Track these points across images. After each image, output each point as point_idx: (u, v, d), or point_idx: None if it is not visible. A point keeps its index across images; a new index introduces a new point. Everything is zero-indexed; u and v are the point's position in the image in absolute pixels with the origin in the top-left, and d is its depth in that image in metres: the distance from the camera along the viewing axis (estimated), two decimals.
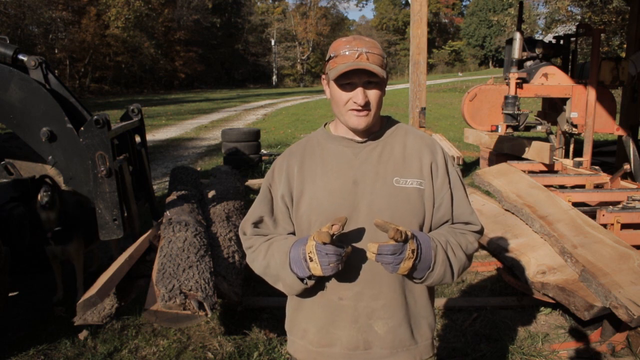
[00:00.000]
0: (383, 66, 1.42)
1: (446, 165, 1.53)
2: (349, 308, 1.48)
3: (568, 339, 3.28)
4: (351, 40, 1.43)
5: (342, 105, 1.44)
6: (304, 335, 1.55)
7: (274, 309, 3.60)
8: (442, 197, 1.50)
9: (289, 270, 1.42)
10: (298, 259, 1.40)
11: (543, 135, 8.88)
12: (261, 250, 1.50)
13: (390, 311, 1.48)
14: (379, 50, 1.43)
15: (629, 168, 5.77)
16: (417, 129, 1.64)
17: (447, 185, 1.51)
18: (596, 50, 6.83)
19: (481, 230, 1.55)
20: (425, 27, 5.49)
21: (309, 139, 1.60)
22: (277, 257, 1.46)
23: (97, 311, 2.82)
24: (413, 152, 1.51)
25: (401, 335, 1.50)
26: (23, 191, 3.90)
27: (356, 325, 1.48)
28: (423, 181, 1.48)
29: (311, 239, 1.36)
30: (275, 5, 59.60)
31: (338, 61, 1.40)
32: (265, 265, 1.49)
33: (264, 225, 1.55)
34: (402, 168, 1.48)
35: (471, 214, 1.54)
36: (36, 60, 3.30)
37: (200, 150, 11.42)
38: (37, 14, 27.54)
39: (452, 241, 1.46)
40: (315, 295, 1.50)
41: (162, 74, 40.35)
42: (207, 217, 4.01)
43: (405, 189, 1.47)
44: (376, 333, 1.48)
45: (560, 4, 18.69)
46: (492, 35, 59.66)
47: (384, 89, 1.49)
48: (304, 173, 1.52)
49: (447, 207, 1.51)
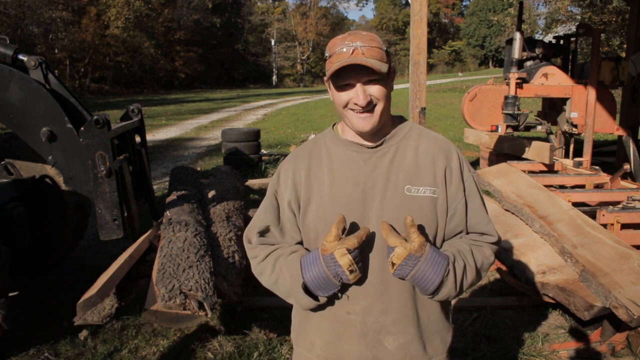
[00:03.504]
0: (383, 60, 1.31)
1: (461, 171, 1.42)
2: (357, 323, 1.40)
3: (568, 339, 3.28)
4: (346, 37, 1.33)
5: (342, 107, 1.35)
6: (311, 349, 1.49)
7: (274, 309, 3.60)
8: (455, 205, 1.40)
9: (302, 293, 1.34)
10: (326, 280, 1.30)
11: (543, 135, 8.88)
12: (267, 265, 1.42)
13: (401, 326, 1.40)
14: (378, 43, 1.32)
15: (629, 168, 5.77)
16: (432, 131, 1.52)
17: (461, 193, 1.41)
18: (596, 50, 6.83)
19: (498, 241, 1.46)
20: (425, 27, 5.48)
21: (316, 141, 1.50)
22: (287, 276, 1.37)
23: (97, 311, 2.82)
24: (426, 158, 1.40)
25: (413, 352, 1.41)
26: (23, 191, 3.90)
27: (365, 341, 1.41)
28: (436, 189, 1.38)
29: (343, 254, 1.26)
30: (275, 5, 59.62)
31: (333, 60, 1.30)
32: (274, 282, 1.41)
33: (270, 234, 1.47)
34: (414, 176, 1.38)
35: (487, 224, 1.44)
36: (36, 60, 3.30)
37: (200, 150, 11.42)
38: (37, 14, 27.54)
39: (470, 261, 1.37)
40: (324, 309, 1.42)
41: (162, 74, 40.35)
42: (207, 217, 4.01)
43: (417, 198, 1.37)
44: (386, 349, 1.40)
45: (560, 4, 18.69)
46: (492, 35, 59.66)
47: (390, 84, 1.37)
48: (311, 180, 1.43)
49: (461, 217, 1.42)
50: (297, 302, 1.39)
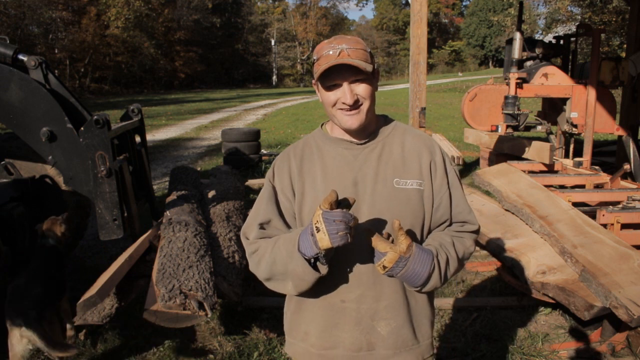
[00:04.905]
0: (368, 60, 1.39)
1: (445, 164, 1.52)
2: (352, 310, 1.47)
3: (568, 339, 3.28)
4: (332, 40, 1.42)
5: (331, 106, 1.43)
6: (305, 338, 1.53)
7: (274, 309, 3.60)
8: (441, 197, 1.50)
9: (297, 257, 1.35)
10: (306, 237, 1.33)
11: (543, 135, 8.88)
12: (267, 249, 1.44)
13: (393, 312, 1.48)
14: (362, 45, 1.41)
15: (629, 168, 5.77)
16: (414, 128, 1.63)
17: (445, 186, 1.51)
18: (596, 50, 6.83)
19: (478, 229, 1.57)
20: (425, 27, 5.48)
21: (306, 140, 1.59)
22: (284, 248, 1.39)
23: (97, 311, 2.82)
24: (412, 152, 1.50)
25: (404, 336, 1.50)
26: (23, 191, 3.90)
27: (359, 327, 1.47)
28: (422, 182, 1.48)
29: (318, 209, 1.31)
30: (275, 5, 59.61)
31: (321, 62, 1.38)
32: (272, 262, 1.41)
33: (270, 226, 1.50)
34: (401, 169, 1.48)
35: (469, 213, 1.55)
36: (36, 60, 3.30)
37: (200, 150, 11.42)
38: (37, 14, 27.52)
39: (452, 254, 1.46)
40: (317, 298, 1.48)
41: (162, 74, 40.32)
42: (207, 217, 4.01)
43: (405, 190, 1.46)
44: (379, 334, 1.48)
45: (560, 4, 18.69)
46: (492, 35, 59.64)
47: (375, 84, 1.46)
48: (304, 174, 1.50)
49: (446, 207, 1.51)
50: (295, 277, 1.39)
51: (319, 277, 1.38)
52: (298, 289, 1.42)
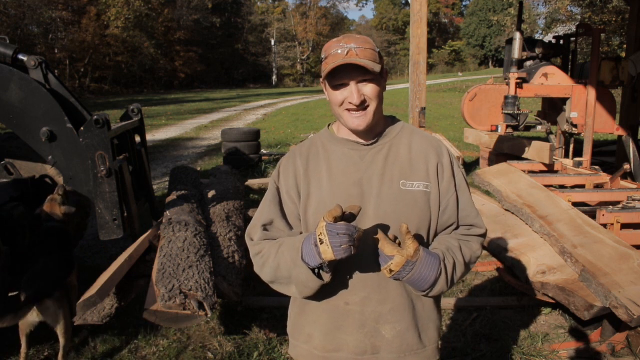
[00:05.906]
0: (376, 61, 1.38)
1: (452, 167, 1.50)
2: (356, 313, 1.45)
3: (568, 339, 3.28)
4: (341, 39, 1.41)
5: (338, 106, 1.42)
6: (309, 340, 1.51)
7: (274, 309, 3.60)
8: (448, 200, 1.48)
9: (301, 265, 1.35)
10: (309, 247, 1.32)
11: (543, 135, 8.88)
12: (271, 253, 1.43)
13: (398, 315, 1.46)
14: (371, 45, 1.40)
15: (629, 168, 5.77)
16: (422, 130, 1.61)
17: (453, 189, 1.49)
18: (596, 50, 6.83)
19: (485, 233, 1.54)
20: (425, 27, 5.48)
21: (312, 140, 1.57)
22: (288, 254, 1.38)
23: (97, 311, 2.82)
24: (419, 154, 1.48)
25: (409, 340, 1.47)
26: (23, 191, 3.90)
27: (364, 330, 1.45)
28: (429, 184, 1.46)
29: (322, 221, 1.29)
30: (275, 5, 59.59)
31: (329, 61, 1.37)
32: (276, 267, 1.41)
33: (274, 228, 1.49)
34: (408, 171, 1.46)
35: (476, 217, 1.52)
36: (36, 60, 3.30)
37: (200, 150, 11.42)
38: (37, 14, 27.52)
39: (459, 258, 1.45)
40: (321, 300, 1.46)
41: (162, 74, 40.31)
42: (207, 217, 4.01)
43: (412, 192, 1.44)
44: (384, 337, 1.46)
45: (560, 4, 18.69)
46: (492, 35, 59.64)
47: (383, 84, 1.44)
48: (310, 175, 1.49)
49: (453, 211, 1.49)
50: (299, 283, 1.39)
51: (322, 284, 1.37)
52: (302, 294, 1.43)
